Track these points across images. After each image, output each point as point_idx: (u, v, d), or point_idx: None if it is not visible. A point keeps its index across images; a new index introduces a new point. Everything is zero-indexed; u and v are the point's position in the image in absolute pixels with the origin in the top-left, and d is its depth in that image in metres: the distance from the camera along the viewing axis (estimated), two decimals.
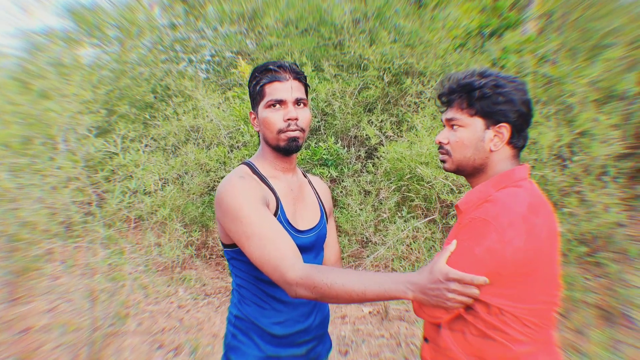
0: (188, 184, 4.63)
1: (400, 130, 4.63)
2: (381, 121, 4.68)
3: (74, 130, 5.27)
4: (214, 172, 4.60)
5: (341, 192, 4.27)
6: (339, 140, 4.89)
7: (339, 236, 4.15)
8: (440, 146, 1.18)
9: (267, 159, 1.29)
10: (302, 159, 4.56)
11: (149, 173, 4.54)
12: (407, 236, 3.63)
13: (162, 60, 6.55)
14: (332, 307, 4.03)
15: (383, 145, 4.34)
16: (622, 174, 3.64)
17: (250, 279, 1.23)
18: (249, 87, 1.29)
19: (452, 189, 3.70)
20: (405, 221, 3.60)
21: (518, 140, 1.11)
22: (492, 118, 1.08)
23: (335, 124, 5.20)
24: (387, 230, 3.57)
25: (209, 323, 3.85)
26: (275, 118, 1.22)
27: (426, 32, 5.33)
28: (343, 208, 4.21)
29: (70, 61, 6.56)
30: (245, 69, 5.20)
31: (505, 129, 1.08)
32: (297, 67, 1.28)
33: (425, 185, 3.78)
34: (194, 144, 4.99)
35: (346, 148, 4.85)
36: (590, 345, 2.78)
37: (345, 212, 4.09)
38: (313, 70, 5.47)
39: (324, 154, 4.60)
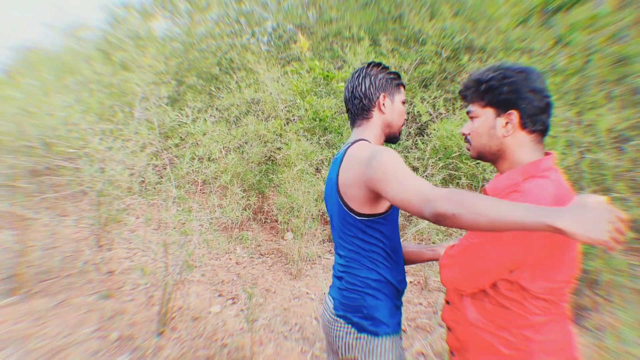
0: (247, 153, 5.11)
1: (454, 108, 4.77)
2: (434, 98, 4.84)
3: (148, 99, 5.92)
4: (271, 142, 5.03)
5: None
6: None
7: None
8: (465, 137, 1.34)
9: (377, 141, 1.60)
10: None
11: (213, 142, 5.07)
12: None
13: (227, 33, 7.01)
14: None
15: (434, 122, 4.53)
16: None
17: (381, 244, 1.50)
18: (378, 74, 1.59)
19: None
20: None
21: (534, 126, 1.20)
22: (501, 107, 1.21)
23: None
24: None
25: (263, 279, 4.35)
26: (404, 114, 1.65)
27: (489, 6, 5.32)
28: None
29: (145, 33, 7.20)
30: (304, 44, 5.52)
31: (514, 116, 1.19)
32: None
33: (470, 164, 3.97)
34: (254, 115, 5.43)
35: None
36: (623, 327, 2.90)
37: None
38: (370, 45, 5.67)
39: None
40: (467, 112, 1.33)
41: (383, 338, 1.46)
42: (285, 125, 5.07)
